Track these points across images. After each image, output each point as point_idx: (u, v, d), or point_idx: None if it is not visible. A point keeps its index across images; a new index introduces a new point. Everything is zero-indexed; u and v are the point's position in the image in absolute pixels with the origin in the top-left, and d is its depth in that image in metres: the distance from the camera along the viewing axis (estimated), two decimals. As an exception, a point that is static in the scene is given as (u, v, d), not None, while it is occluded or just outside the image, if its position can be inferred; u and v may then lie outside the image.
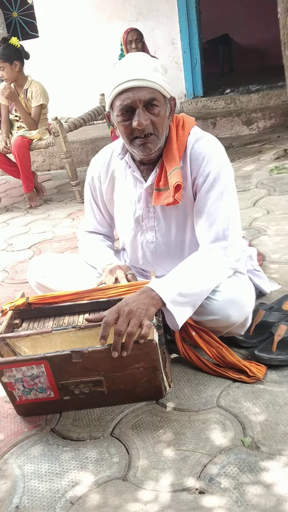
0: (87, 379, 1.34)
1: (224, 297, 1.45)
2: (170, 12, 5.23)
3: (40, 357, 1.30)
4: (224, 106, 5.25)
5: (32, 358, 1.30)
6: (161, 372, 1.35)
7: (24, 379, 1.33)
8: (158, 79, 1.40)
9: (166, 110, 1.46)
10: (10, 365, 1.31)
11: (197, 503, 1.08)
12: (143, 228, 1.65)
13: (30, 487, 1.20)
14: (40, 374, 1.32)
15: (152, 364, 1.31)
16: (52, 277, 1.74)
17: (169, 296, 1.35)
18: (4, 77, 3.70)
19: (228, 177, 1.52)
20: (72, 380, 1.34)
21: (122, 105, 1.40)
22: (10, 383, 1.34)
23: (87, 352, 1.29)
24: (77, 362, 1.30)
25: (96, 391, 1.37)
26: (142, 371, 1.33)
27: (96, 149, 4.85)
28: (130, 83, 1.37)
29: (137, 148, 1.47)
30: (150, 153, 1.48)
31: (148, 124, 1.41)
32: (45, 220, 3.48)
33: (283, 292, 1.85)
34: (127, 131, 1.44)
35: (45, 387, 1.35)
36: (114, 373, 1.33)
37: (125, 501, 1.12)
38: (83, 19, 5.45)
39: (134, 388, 1.37)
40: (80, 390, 1.37)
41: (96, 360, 1.30)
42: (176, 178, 1.45)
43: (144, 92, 1.38)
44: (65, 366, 1.31)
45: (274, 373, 1.44)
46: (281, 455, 1.16)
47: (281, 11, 3.26)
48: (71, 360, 1.29)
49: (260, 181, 3.32)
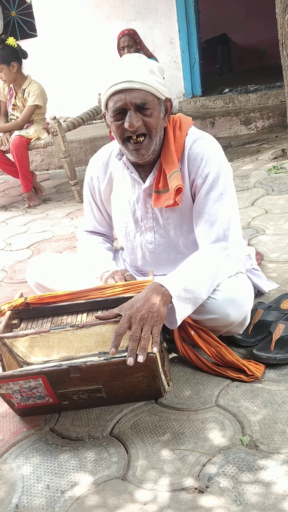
0: (85, 388, 1.33)
1: (223, 296, 1.45)
2: (168, 11, 5.23)
3: (38, 372, 1.27)
4: (223, 105, 5.25)
5: (29, 373, 1.28)
6: (160, 378, 1.34)
7: (21, 390, 1.32)
8: (151, 80, 1.40)
9: (159, 111, 1.46)
10: (6, 380, 1.29)
11: (196, 503, 1.08)
12: (142, 229, 1.65)
13: (29, 486, 1.20)
14: (37, 386, 1.31)
15: (151, 373, 1.31)
16: (51, 277, 1.74)
17: (175, 290, 1.35)
18: (3, 78, 3.70)
19: (227, 177, 1.52)
20: (71, 389, 1.33)
21: (114, 107, 1.41)
22: (8, 394, 1.33)
23: (85, 367, 1.27)
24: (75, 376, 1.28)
25: (95, 397, 1.37)
26: (142, 379, 1.32)
27: (95, 148, 4.85)
28: (122, 84, 1.38)
29: (130, 152, 1.47)
30: (143, 158, 1.49)
31: (140, 125, 1.41)
32: (44, 219, 3.48)
33: (281, 291, 1.86)
34: (119, 130, 1.45)
35: (43, 395, 1.34)
36: (113, 382, 1.33)
37: (124, 500, 1.12)
38: (82, 18, 5.45)
39: (134, 392, 1.37)
40: (79, 396, 1.36)
41: (94, 373, 1.29)
42: (176, 181, 1.45)
43: (136, 94, 1.39)
44: (63, 378, 1.29)
45: (272, 372, 1.45)
46: (279, 454, 1.16)
47: (279, 12, 3.26)
48: (69, 374, 1.28)
49: (258, 181, 3.33)
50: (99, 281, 1.65)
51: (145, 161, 1.52)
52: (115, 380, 1.32)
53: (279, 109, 4.72)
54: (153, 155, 1.51)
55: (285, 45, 3.33)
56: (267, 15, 4.71)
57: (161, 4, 5.23)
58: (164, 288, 1.34)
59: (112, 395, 1.37)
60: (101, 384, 1.32)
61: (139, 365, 1.25)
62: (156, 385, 1.35)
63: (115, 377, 1.31)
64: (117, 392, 1.36)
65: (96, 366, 1.27)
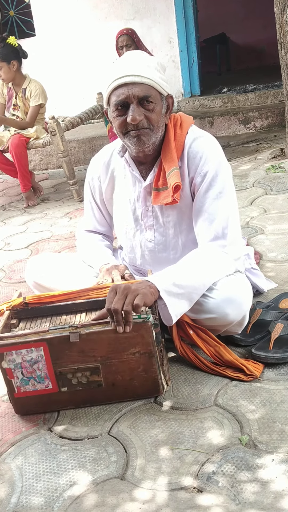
0: (84, 366, 1.36)
1: (221, 295, 1.46)
2: (167, 11, 5.23)
3: (40, 339, 1.34)
4: (221, 105, 5.25)
5: (32, 339, 1.34)
6: (157, 360, 1.36)
7: (23, 365, 1.35)
8: (154, 75, 1.40)
9: (161, 106, 1.46)
10: (10, 348, 1.34)
11: (195, 502, 1.08)
12: (142, 227, 1.65)
13: (28, 486, 1.20)
14: (39, 358, 1.34)
15: (147, 348, 1.33)
16: (49, 276, 1.74)
17: (163, 285, 1.35)
18: (2, 76, 3.69)
19: (226, 176, 1.52)
20: (69, 367, 1.36)
21: (117, 101, 1.41)
22: (9, 369, 1.36)
23: (84, 333, 1.32)
24: (74, 344, 1.32)
25: (93, 382, 1.38)
26: (138, 358, 1.34)
27: (94, 148, 4.85)
28: (125, 78, 1.39)
29: (131, 140, 1.46)
30: (144, 146, 1.47)
31: (142, 120, 1.41)
32: (43, 219, 3.48)
33: (279, 291, 1.86)
34: (121, 125, 1.45)
35: (43, 375, 1.36)
36: (111, 360, 1.35)
37: (123, 500, 1.12)
38: (80, 18, 5.44)
39: (131, 379, 1.38)
40: (78, 380, 1.37)
41: (93, 342, 1.33)
42: (175, 179, 1.45)
43: (139, 88, 1.39)
44: (63, 350, 1.34)
45: (271, 371, 1.45)
46: (278, 453, 1.17)
47: (278, 11, 3.27)
48: (69, 342, 1.32)
49: (257, 180, 3.33)
50: (97, 278, 1.65)
51: (145, 153, 1.51)
52: (113, 357, 1.35)
53: (278, 109, 4.73)
54: (153, 148, 1.51)
55: (283, 45, 3.33)
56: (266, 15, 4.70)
57: (159, 4, 5.23)
58: (151, 283, 1.35)
59: (110, 382, 1.38)
60: (99, 362, 1.35)
61: (136, 335, 1.31)
62: (153, 371, 1.36)
63: (113, 351, 1.34)
64: (115, 378, 1.37)
65: (95, 333, 1.32)
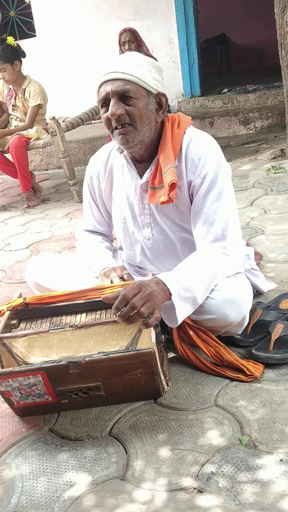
0: (84, 385, 1.34)
1: (222, 296, 1.45)
2: (167, 11, 5.23)
3: (37, 368, 1.28)
4: (222, 105, 5.25)
5: (28, 369, 1.28)
6: (159, 376, 1.34)
7: (21, 387, 1.33)
8: (139, 72, 1.41)
9: (146, 103, 1.45)
10: (6, 377, 1.30)
11: (195, 503, 1.08)
12: (139, 225, 1.66)
13: (28, 487, 1.20)
14: (37, 382, 1.31)
15: (150, 370, 1.31)
16: (50, 277, 1.74)
17: (175, 288, 1.35)
18: (6, 78, 3.69)
19: (226, 177, 1.52)
20: (70, 387, 1.34)
21: (99, 97, 1.45)
22: (7, 391, 1.34)
23: (84, 362, 1.27)
24: (74, 371, 1.29)
25: (94, 395, 1.37)
26: (140, 376, 1.32)
27: (94, 148, 4.85)
28: (108, 75, 1.43)
29: (116, 138, 1.48)
30: (129, 145, 1.48)
31: (122, 114, 1.42)
32: (43, 219, 3.48)
33: (280, 291, 1.86)
34: (106, 122, 1.47)
35: (42, 393, 1.34)
36: (112, 379, 1.33)
37: (123, 500, 1.12)
38: (81, 18, 5.45)
39: (132, 390, 1.37)
40: (78, 394, 1.36)
41: (93, 369, 1.29)
42: (171, 177, 1.45)
43: (118, 83, 1.41)
44: (62, 375, 1.30)
45: (271, 371, 1.45)
46: (278, 453, 1.17)
47: (278, 11, 3.27)
48: (68, 370, 1.28)
49: (257, 181, 3.33)
50: (98, 281, 1.65)
51: (137, 152, 1.52)
52: (114, 378, 1.32)
53: (278, 109, 4.73)
54: (144, 147, 1.51)
55: (283, 45, 3.33)
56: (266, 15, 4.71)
57: (160, 4, 5.24)
58: (166, 287, 1.35)
59: (111, 393, 1.37)
60: (100, 381, 1.32)
61: (138, 362, 1.26)
62: (155, 383, 1.35)
63: (114, 374, 1.31)
64: (116, 391, 1.36)
65: (95, 362, 1.27)
